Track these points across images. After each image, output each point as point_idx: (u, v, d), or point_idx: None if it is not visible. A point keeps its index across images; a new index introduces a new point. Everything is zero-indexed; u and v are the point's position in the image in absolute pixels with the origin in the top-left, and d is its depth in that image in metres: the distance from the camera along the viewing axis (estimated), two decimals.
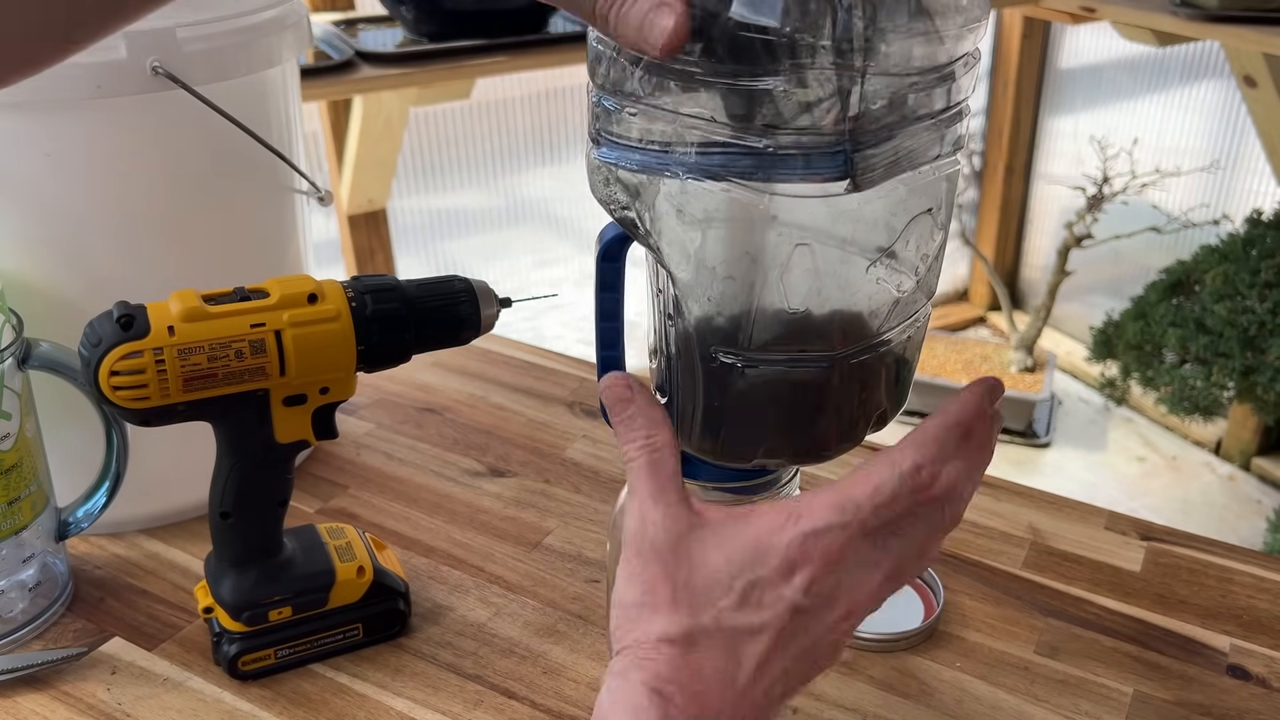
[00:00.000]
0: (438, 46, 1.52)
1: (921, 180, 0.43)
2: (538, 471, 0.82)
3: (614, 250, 0.47)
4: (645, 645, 0.40)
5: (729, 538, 0.41)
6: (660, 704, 0.38)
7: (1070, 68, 2.87)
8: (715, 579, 0.41)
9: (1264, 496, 2.41)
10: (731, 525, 0.42)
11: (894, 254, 0.44)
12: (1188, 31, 1.84)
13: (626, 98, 0.42)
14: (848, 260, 0.43)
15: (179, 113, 0.64)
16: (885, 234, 0.43)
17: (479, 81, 1.77)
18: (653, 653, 0.40)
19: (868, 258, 0.43)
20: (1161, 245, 2.48)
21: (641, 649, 0.40)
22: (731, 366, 0.45)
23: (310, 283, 0.57)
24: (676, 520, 0.42)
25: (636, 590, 0.42)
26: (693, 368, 0.46)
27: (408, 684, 0.62)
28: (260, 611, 0.61)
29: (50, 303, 0.66)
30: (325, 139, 1.92)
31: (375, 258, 2.00)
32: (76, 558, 0.72)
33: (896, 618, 0.66)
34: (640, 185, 0.43)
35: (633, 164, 0.43)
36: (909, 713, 0.61)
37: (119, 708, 0.60)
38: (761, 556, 0.40)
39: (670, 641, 0.40)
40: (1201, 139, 2.57)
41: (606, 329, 0.49)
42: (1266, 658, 0.65)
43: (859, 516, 0.41)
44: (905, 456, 0.42)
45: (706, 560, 0.41)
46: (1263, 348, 1.92)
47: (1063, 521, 0.77)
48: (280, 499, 0.61)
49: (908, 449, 0.42)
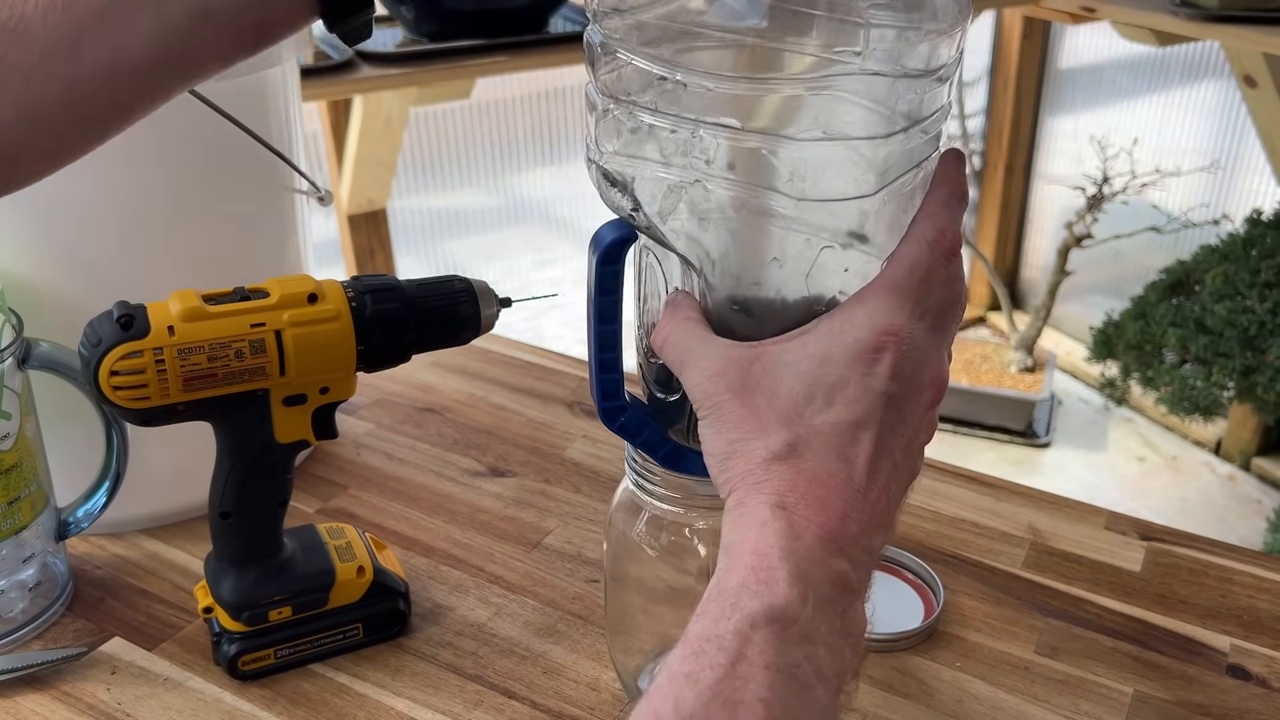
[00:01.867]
0: (438, 46, 1.52)
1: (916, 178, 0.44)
2: (538, 471, 0.82)
3: (614, 253, 0.47)
4: (753, 472, 0.39)
5: (794, 357, 0.41)
6: (785, 516, 0.38)
7: (1070, 68, 2.87)
8: (795, 395, 0.40)
9: (1264, 496, 2.41)
10: (792, 345, 0.41)
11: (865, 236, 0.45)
12: (1188, 31, 1.84)
13: (626, 99, 0.43)
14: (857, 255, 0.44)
15: (179, 113, 0.64)
16: (896, 231, 0.44)
17: (479, 81, 1.77)
18: (762, 474, 0.39)
19: (878, 254, 0.44)
20: (1161, 245, 2.48)
21: (751, 477, 0.39)
22: None
23: (310, 283, 0.57)
24: (736, 357, 0.42)
25: (723, 436, 0.41)
26: None
27: (408, 684, 0.62)
28: (260, 611, 0.61)
29: (50, 303, 0.66)
30: (325, 139, 1.92)
31: (375, 258, 2.00)
32: (76, 558, 0.72)
33: (896, 618, 0.66)
34: (644, 185, 0.44)
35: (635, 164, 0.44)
36: (909, 713, 0.61)
37: (119, 708, 0.60)
38: (834, 360, 0.40)
39: (777, 458, 0.39)
40: (1201, 139, 2.57)
41: (605, 331, 0.49)
42: (1266, 658, 0.65)
43: (912, 295, 0.41)
44: (925, 229, 0.43)
45: (780, 382, 0.40)
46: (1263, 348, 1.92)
47: (1063, 521, 0.77)
48: (280, 499, 0.61)
49: (924, 221, 0.43)
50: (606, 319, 0.49)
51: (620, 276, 0.48)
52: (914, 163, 0.43)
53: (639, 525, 0.56)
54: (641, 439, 0.51)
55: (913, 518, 0.78)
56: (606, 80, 0.44)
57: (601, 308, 0.48)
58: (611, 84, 0.44)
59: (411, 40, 1.59)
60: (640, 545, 0.56)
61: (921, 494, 0.80)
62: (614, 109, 0.44)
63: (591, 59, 0.45)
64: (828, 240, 0.43)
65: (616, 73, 0.43)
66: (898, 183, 0.43)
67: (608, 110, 0.44)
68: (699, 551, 0.56)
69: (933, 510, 0.78)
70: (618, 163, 0.44)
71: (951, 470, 0.83)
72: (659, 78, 0.42)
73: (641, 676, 0.61)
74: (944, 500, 0.79)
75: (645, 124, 0.43)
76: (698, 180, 0.42)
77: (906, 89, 0.41)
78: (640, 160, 0.44)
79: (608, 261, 0.47)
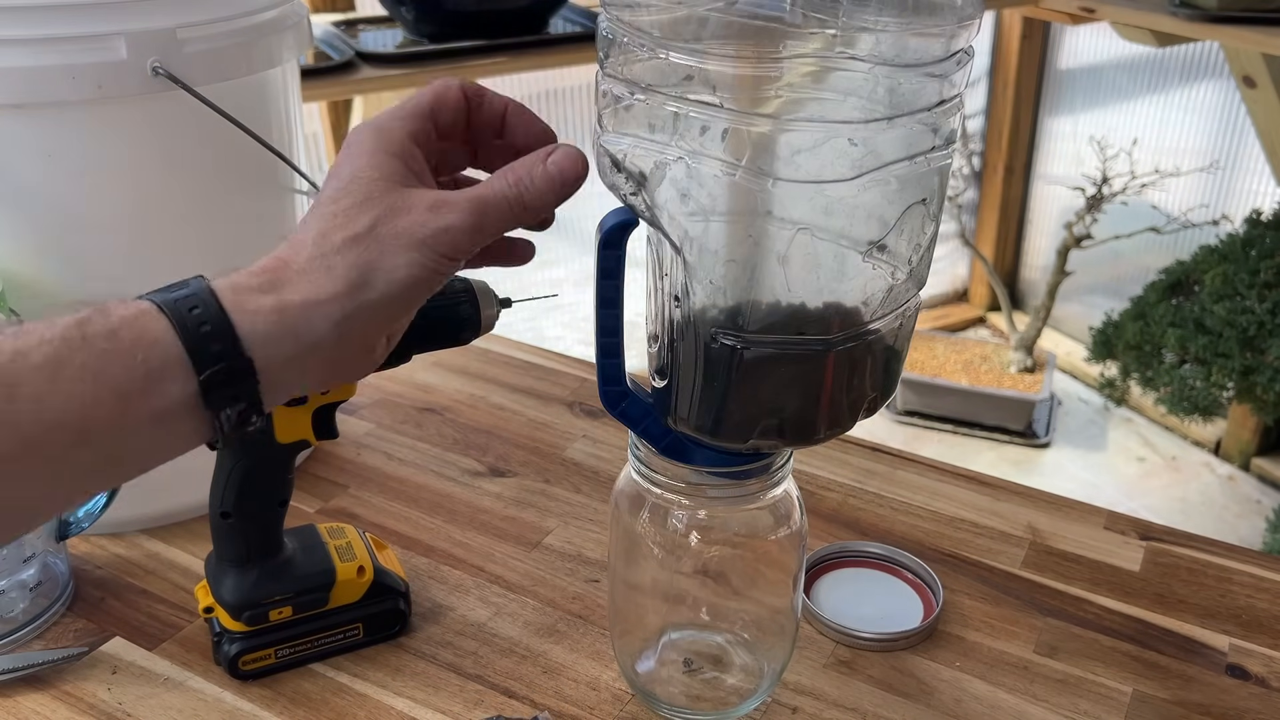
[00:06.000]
0: (438, 47, 1.52)
1: (916, 171, 0.44)
2: (538, 471, 0.82)
3: (615, 237, 0.48)
4: None
5: None
6: None
7: (1070, 68, 2.87)
8: None
9: (1263, 496, 2.41)
10: None
11: (886, 244, 0.45)
12: (1187, 32, 1.84)
13: (634, 84, 0.44)
14: (843, 248, 0.45)
15: (179, 113, 0.64)
16: (879, 224, 0.45)
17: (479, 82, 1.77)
18: None
19: (862, 248, 0.45)
20: (1161, 245, 2.48)
21: None
22: (732, 348, 0.46)
23: None
24: None
25: None
26: (695, 349, 0.47)
27: (408, 684, 0.62)
28: (261, 611, 0.61)
29: (50, 303, 0.66)
30: (325, 139, 1.92)
31: None
32: (77, 558, 0.72)
33: (896, 617, 0.67)
34: (645, 171, 0.45)
35: (638, 150, 0.44)
36: (909, 712, 0.61)
37: (119, 707, 0.60)
38: None
39: None
40: (1201, 139, 2.57)
41: (607, 315, 0.50)
42: (1266, 657, 0.65)
43: None
44: None
45: None
46: (1262, 348, 1.91)
47: (1062, 521, 0.77)
48: (280, 499, 0.61)
49: None
50: (607, 303, 0.50)
51: (622, 260, 0.49)
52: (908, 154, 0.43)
53: (643, 513, 0.56)
54: (643, 427, 0.52)
55: (913, 518, 0.78)
56: (614, 65, 0.45)
57: (603, 291, 0.49)
58: (619, 68, 0.44)
59: (411, 40, 1.59)
60: (641, 531, 0.56)
61: (921, 494, 0.80)
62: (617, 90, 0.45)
63: (600, 43, 0.45)
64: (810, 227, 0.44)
65: (616, 54, 0.44)
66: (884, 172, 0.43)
67: (610, 92, 0.45)
68: (696, 537, 0.56)
69: (933, 510, 0.78)
70: (620, 143, 0.45)
71: (951, 470, 0.83)
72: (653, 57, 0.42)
73: (641, 660, 0.61)
74: (944, 500, 0.80)
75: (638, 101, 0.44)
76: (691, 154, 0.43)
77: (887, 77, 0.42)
78: (637, 138, 0.45)
79: (609, 244, 0.48)
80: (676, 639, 0.62)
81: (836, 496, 0.80)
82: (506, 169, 0.45)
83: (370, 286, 0.42)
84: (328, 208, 0.43)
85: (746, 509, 0.55)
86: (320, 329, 0.41)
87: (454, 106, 0.48)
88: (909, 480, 0.82)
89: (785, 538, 0.57)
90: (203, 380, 0.39)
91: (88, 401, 0.38)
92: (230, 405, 0.41)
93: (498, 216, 0.45)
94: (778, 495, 0.55)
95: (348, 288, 0.42)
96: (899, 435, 2.48)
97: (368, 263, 0.42)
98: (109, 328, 0.39)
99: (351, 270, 0.42)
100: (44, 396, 0.37)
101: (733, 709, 0.60)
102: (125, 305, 0.40)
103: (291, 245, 0.43)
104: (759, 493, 0.54)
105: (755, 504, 0.55)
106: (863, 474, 0.83)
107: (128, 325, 0.39)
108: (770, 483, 0.54)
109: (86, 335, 0.38)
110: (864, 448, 0.86)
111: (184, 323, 0.40)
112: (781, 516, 0.56)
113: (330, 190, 0.44)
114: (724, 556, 0.58)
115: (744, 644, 0.62)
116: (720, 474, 0.53)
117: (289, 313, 0.41)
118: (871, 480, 0.82)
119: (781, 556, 0.57)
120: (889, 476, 0.82)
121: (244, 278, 0.42)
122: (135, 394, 0.39)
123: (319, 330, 0.41)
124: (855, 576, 0.71)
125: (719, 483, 0.53)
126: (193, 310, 0.40)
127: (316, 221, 0.43)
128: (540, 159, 0.45)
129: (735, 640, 0.62)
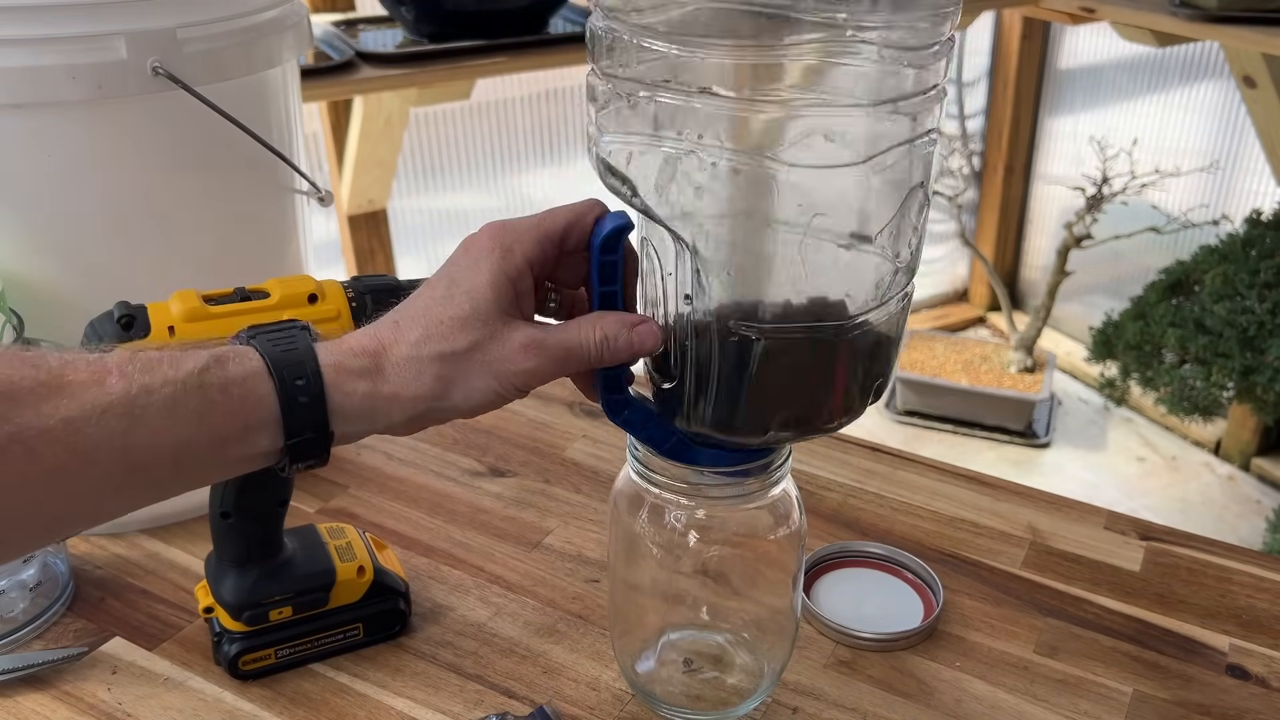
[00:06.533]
0: (438, 47, 1.52)
1: (916, 154, 0.45)
2: (538, 471, 0.82)
3: (612, 242, 0.48)
4: None
5: None
6: None
7: (1070, 68, 2.87)
8: None
9: (1263, 496, 2.41)
10: None
11: (892, 229, 0.46)
12: (1187, 32, 1.84)
13: (638, 83, 0.44)
14: (852, 236, 0.45)
15: (179, 113, 0.64)
16: (889, 207, 0.46)
17: (479, 82, 1.77)
18: None
19: (870, 233, 0.45)
20: (1161, 245, 2.48)
21: None
22: (750, 340, 0.47)
23: (310, 283, 0.57)
24: None
25: None
26: (711, 345, 0.48)
27: (408, 684, 0.62)
28: (261, 611, 0.61)
29: (50, 303, 0.66)
30: (325, 139, 1.92)
31: (375, 258, 2.00)
32: (77, 558, 0.72)
33: (896, 617, 0.67)
34: (650, 169, 0.45)
35: (641, 150, 0.45)
36: (909, 712, 0.61)
37: (119, 707, 0.60)
38: None
39: None
40: (1201, 139, 2.57)
41: None
42: (1266, 657, 0.65)
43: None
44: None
45: None
46: (1262, 348, 1.91)
47: (1062, 521, 0.77)
48: (280, 499, 0.61)
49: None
50: (606, 307, 0.50)
51: (620, 266, 0.49)
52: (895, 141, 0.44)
53: (642, 513, 0.56)
54: (646, 434, 0.52)
55: (913, 518, 0.78)
56: (606, 64, 0.45)
57: (602, 299, 0.49)
58: (612, 67, 0.45)
59: (411, 41, 1.59)
60: (641, 531, 0.57)
61: (921, 494, 0.80)
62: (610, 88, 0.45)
63: (592, 45, 0.46)
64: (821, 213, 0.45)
65: (616, 55, 0.44)
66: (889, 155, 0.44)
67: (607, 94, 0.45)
68: (695, 537, 0.56)
69: (933, 510, 0.78)
70: (623, 143, 0.46)
71: (951, 470, 0.83)
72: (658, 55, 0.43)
73: (641, 660, 0.61)
74: (944, 500, 0.80)
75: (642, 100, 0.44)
76: (691, 151, 0.43)
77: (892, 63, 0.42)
78: (634, 136, 0.45)
79: (606, 250, 0.48)
80: (676, 639, 0.62)
81: (836, 496, 0.80)
82: (597, 322, 0.49)
83: (448, 397, 0.48)
84: (435, 311, 0.47)
85: (746, 508, 0.55)
86: (396, 419, 0.48)
87: (588, 228, 0.50)
88: (909, 480, 0.82)
89: (784, 537, 0.57)
90: (289, 444, 0.46)
91: (192, 441, 0.43)
92: (304, 461, 0.47)
93: (576, 363, 0.49)
94: (777, 495, 0.55)
95: (430, 395, 0.47)
96: (899, 435, 2.48)
97: (452, 379, 0.47)
98: (225, 381, 0.44)
99: (437, 383, 0.47)
100: (159, 433, 0.42)
101: (733, 709, 0.60)
102: (241, 360, 0.45)
103: (394, 331, 0.48)
104: (758, 492, 0.54)
105: (754, 503, 0.55)
106: (863, 474, 0.83)
107: (238, 384, 0.44)
108: (769, 482, 0.54)
109: (204, 384, 0.44)
110: (864, 447, 0.86)
111: (287, 391, 0.45)
112: (781, 516, 0.56)
113: (442, 290, 0.48)
114: (723, 556, 0.58)
115: (744, 644, 0.62)
116: (719, 473, 0.53)
117: (376, 400, 0.47)
118: (871, 480, 0.82)
119: (781, 556, 0.57)
120: (889, 476, 0.82)
121: (346, 357, 0.47)
122: (232, 440, 0.45)
123: (394, 419, 0.48)
124: (855, 576, 0.71)
125: (718, 482, 0.53)
126: (297, 381, 0.45)
127: (422, 320, 0.47)
128: (627, 326, 0.49)
129: (735, 640, 0.62)
